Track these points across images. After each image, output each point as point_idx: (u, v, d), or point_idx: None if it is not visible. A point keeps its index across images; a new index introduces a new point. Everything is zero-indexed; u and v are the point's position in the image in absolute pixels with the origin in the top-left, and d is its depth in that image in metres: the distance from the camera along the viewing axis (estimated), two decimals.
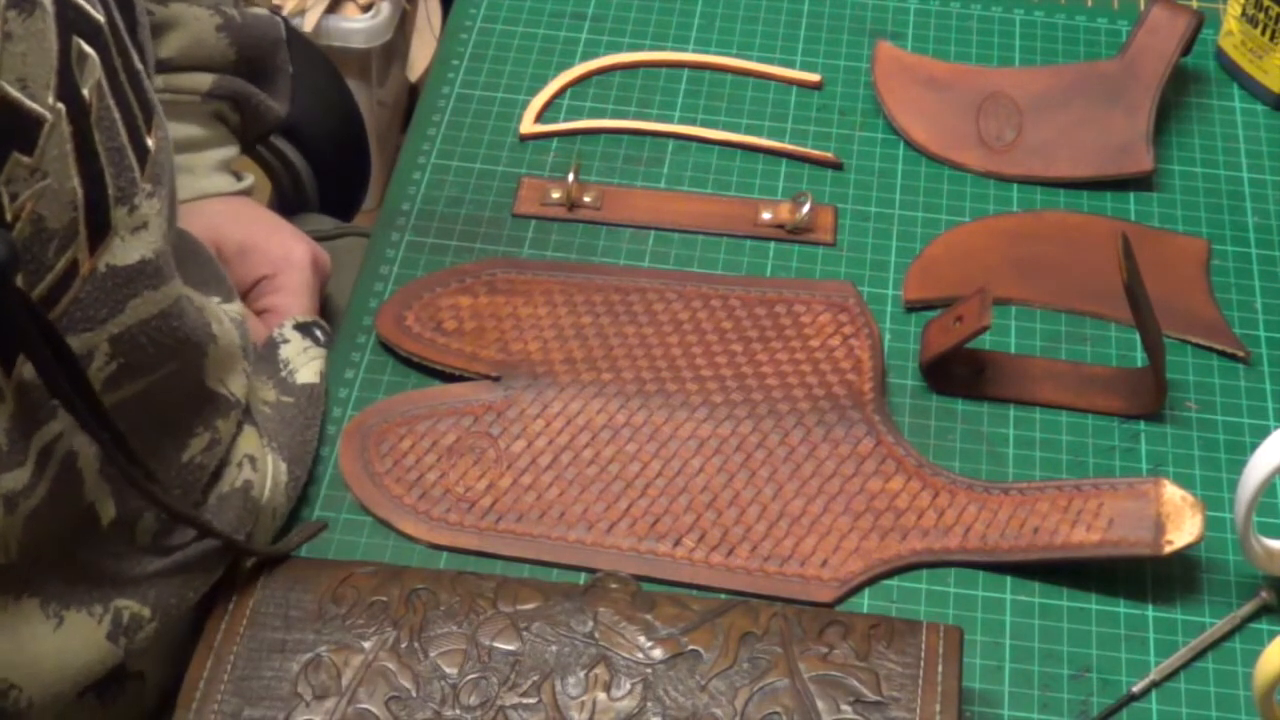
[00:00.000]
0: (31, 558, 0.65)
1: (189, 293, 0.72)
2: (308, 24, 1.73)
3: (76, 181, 0.62)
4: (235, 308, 0.82)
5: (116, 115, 0.65)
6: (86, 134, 0.62)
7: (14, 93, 0.58)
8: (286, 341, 0.87)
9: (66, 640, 0.68)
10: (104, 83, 0.64)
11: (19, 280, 0.59)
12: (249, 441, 0.79)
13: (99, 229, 0.63)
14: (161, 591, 0.72)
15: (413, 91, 1.92)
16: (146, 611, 0.71)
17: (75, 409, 0.63)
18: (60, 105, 0.60)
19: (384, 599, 0.76)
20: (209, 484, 0.76)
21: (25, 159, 0.59)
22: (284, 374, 0.85)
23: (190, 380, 0.74)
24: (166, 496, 0.70)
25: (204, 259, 0.82)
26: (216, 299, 0.80)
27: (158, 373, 0.70)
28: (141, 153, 0.66)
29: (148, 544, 0.72)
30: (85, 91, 0.62)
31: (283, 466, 0.81)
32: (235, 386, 0.77)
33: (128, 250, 0.65)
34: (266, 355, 0.86)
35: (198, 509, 0.75)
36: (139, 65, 0.68)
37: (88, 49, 0.63)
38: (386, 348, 0.90)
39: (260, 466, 0.79)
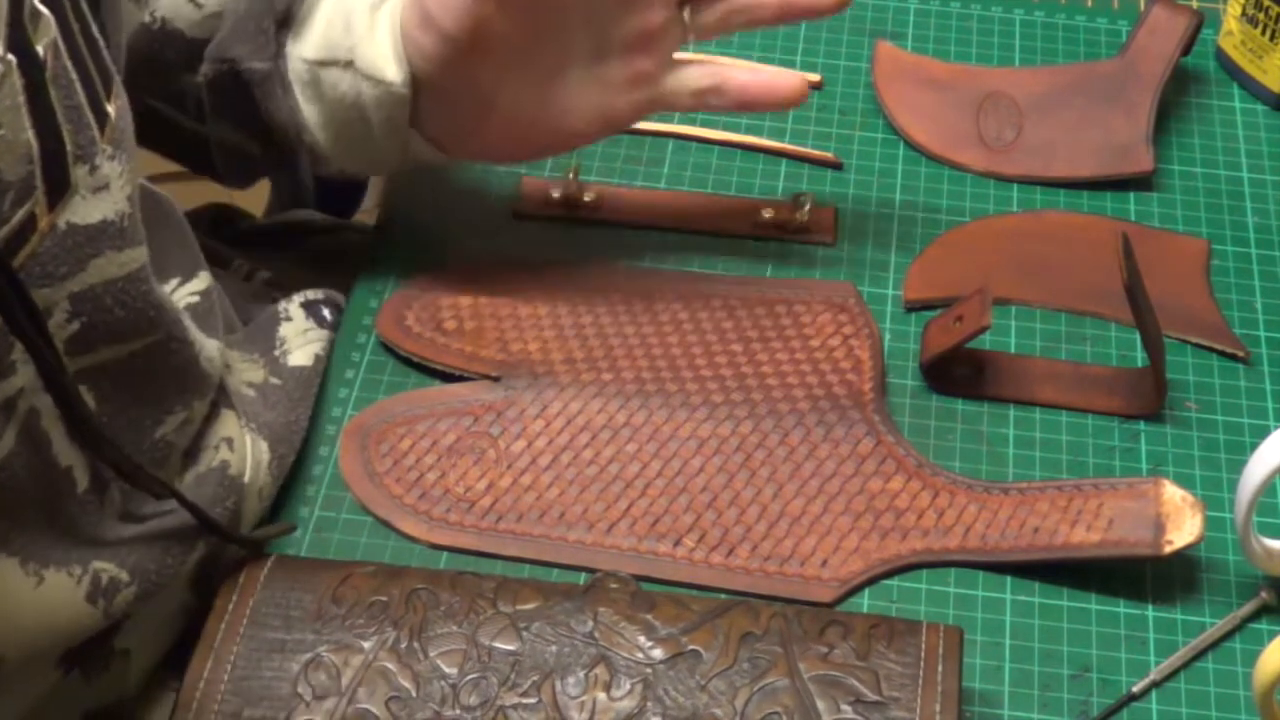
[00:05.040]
0: (7, 515, 0.66)
1: None
2: None
3: (31, 134, 0.62)
4: (199, 284, 0.81)
5: (74, 76, 0.65)
6: (41, 89, 0.63)
7: None
8: (289, 319, 0.86)
9: (46, 599, 0.68)
10: (60, 43, 0.64)
11: None
12: (226, 425, 0.79)
13: (58, 185, 0.64)
14: (140, 558, 0.72)
15: None
16: (125, 575, 0.71)
17: (40, 356, 0.63)
18: (11, 57, 0.61)
19: (384, 599, 0.76)
20: (185, 465, 0.77)
21: None
22: (277, 353, 0.85)
23: (182, 355, 0.74)
24: (123, 455, 0.69)
25: (174, 224, 0.81)
26: (175, 280, 0.80)
27: (137, 341, 0.70)
28: (101, 117, 0.67)
29: (119, 510, 0.72)
30: (40, 48, 0.63)
31: (263, 445, 0.81)
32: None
33: (89, 209, 0.66)
34: (264, 329, 0.86)
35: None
36: (97, 34, 0.69)
37: (42, 8, 0.63)
38: (386, 348, 0.90)
39: (238, 448, 0.79)
